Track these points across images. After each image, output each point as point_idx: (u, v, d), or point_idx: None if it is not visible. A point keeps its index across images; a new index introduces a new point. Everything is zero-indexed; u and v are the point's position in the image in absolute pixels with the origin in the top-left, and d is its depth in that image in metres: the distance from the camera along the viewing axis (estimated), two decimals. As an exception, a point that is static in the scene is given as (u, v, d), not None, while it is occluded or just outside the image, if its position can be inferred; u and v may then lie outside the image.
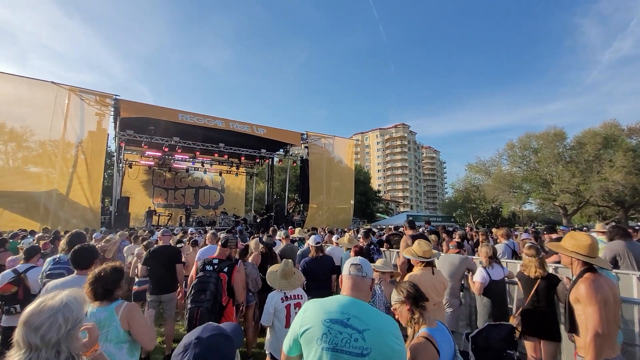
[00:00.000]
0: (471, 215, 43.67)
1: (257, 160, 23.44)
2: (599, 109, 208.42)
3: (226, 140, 17.79)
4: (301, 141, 20.22)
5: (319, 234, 9.20)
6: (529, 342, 3.15)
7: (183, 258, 5.02)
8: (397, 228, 9.99)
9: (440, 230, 8.21)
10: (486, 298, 3.72)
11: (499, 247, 5.45)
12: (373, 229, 13.04)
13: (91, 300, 2.09)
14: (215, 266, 3.31)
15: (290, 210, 22.28)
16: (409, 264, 3.96)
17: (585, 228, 16.14)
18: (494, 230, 9.99)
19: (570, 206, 27.65)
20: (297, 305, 2.98)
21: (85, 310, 1.34)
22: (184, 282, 4.92)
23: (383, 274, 3.35)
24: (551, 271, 3.53)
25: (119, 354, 2.01)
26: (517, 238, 7.90)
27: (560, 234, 6.37)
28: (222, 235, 4.01)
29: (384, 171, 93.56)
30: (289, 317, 2.89)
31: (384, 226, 19.10)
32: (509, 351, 2.83)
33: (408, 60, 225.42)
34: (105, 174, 16.49)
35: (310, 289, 3.96)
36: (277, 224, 15.46)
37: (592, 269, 2.24)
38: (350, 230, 12.04)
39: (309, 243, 4.74)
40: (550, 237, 6.08)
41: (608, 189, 23.82)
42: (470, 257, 4.56)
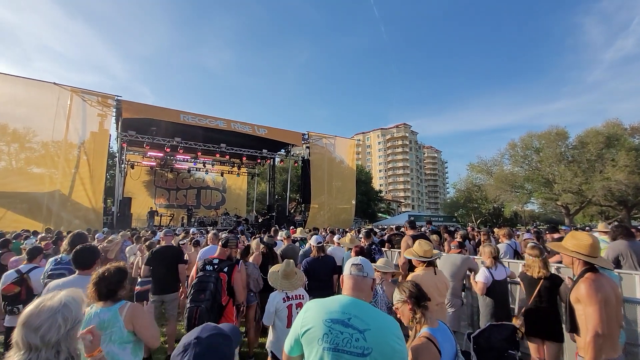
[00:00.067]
0: (473, 215, 43.53)
1: (259, 161, 23.49)
2: (601, 108, 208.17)
3: (228, 141, 17.82)
4: (302, 141, 20.25)
5: (320, 234, 9.20)
6: (532, 343, 3.13)
7: (185, 256, 5.04)
8: (399, 228, 9.97)
9: (442, 230, 8.19)
10: (489, 298, 3.71)
11: (500, 247, 5.44)
12: (374, 229, 13.03)
13: (95, 300, 2.08)
14: (216, 266, 3.32)
15: (292, 211, 22.32)
16: (410, 264, 3.96)
17: (588, 228, 16.07)
18: (495, 230, 9.95)
19: (572, 206, 27.54)
20: (299, 305, 2.99)
21: (84, 310, 1.34)
22: (187, 282, 4.94)
23: (384, 274, 3.35)
24: (553, 271, 3.52)
25: (123, 354, 2.02)
26: (519, 238, 7.87)
27: (562, 234, 6.34)
28: (223, 235, 4.02)
29: (385, 171, 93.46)
30: (290, 317, 2.90)
31: (385, 226, 19.08)
32: (510, 351, 2.82)
33: (409, 59, 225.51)
34: (108, 174, 16.59)
35: (311, 289, 3.95)
36: (279, 224, 15.48)
37: (594, 269, 2.23)
38: (351, 230, 12.04)
39: (310, 243, 4.75)
40: (552, 237, 6.06)
41: (610, 189, 23.71)
42: (472, 257, 4.55)
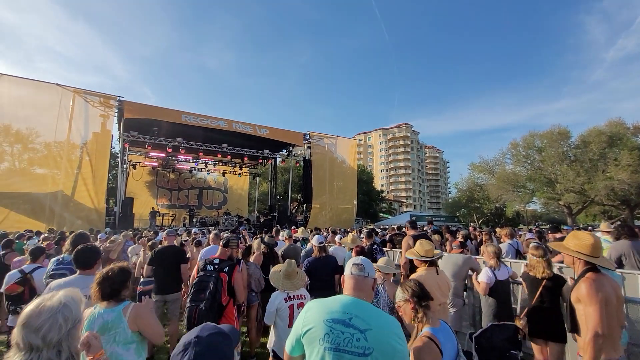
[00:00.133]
0: (475, 215, 43.41)
1: (260, 161, 23.51)
2: (604, 107, 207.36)
3: (229, 141, 17.84)
4: (304, 141, 20.26)
5: (322, 234, 9.20)
6: (535, 343, 3.11)
7: (188, 254, 5.05)
8: (400, 228, 9.96)
9: (444, 230, 8.18)
10: (491, 298, 3.70)
11: (502, 247, 5.43)
12: (376, 229, 13.03)
13: (98, 300, 2.08)
14: (216, 266, 3.33)
15: (294, 211, 22.31)
16: (412, 264, 3.96)
17: (590, 227, 16.00)
18: (497, 229, 9.93)
19: (575, 205, 27.43)
20: (300, 305, 2.98)
21: (82, 309, 1.34)
22: (189, 282, 4.95)
23: (386, 275, 3.35)
24: (556, 271, 3.51)
25: (127, 355, 2.03)
26: (521, 238, 7.84)
27: (564, 234, 6.31)
28: (224, 235, 4.02)
29: (387, 171, 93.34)
30: (292, 317, 2.90)
31: (387, 226, 19.06)
32: (512, 351, 2.81)
33: (410, 59, 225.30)
34: (110, 175, 16.62)
35: (313, 289, 3.95)
36: (280, 224, 15.49)
37: (595, 269, 2.22)
38: (353, 230, 12.04)
39: (312, 243, 4.75)
40: (554, 237, 6.03)
41: (613, 188, 23.59)
42: (473, 257, 4.54)
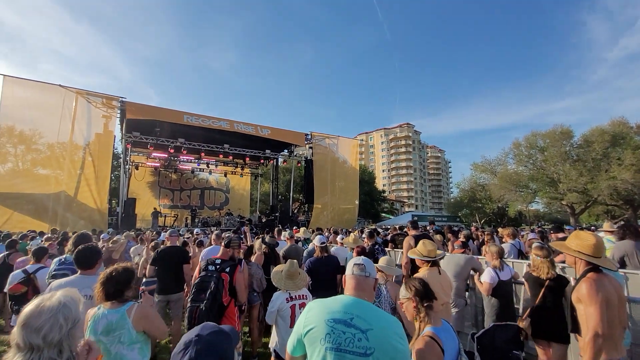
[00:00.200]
0: (477, 214, 43.33)
1: (262, 161, 23.58)
2: (607, 106, 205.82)
3: (231, 141, 17.87)
4: (305, 141, 20.27)
5: (324, 234, 9.20)
6: (539, 344, 3.09)
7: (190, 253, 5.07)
8: (402, 228, 9.95)
9: (446, 230, 8.16)
10: (494, 299, 3.69)
11: (505, 247, 5.41)
12: (378, 229, 13.02)
13: (102, 300, 2.09)
14: (218, 266, 3.33)
15: (295, 211, 22.32)
16: (413, 264, 3.96)
17: (593, 227, 15.93)
18: (499, 229, 9.90)
19: (577, 205, 27.31)
20: (302, 305, 2.98)
21: (81, 309, 1.35)
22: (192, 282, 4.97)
23: (387, 274, 3.35)
24: (559, 271, 3.49)
25: (131, 355, 2.04)
26: (524, 238, 7.82)
27: (567, 234, 6.29)
28: (226, 235, 4.03)
29: (388, 171, 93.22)
30: (293, 317, 2.90)
31: (389, 226, 19.04)
32: (515, 352, 2.81)
33: (412, 59, 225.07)
34: (112, 175, 16.70)
35: (315, 289, 3.95)
36: (282, 225, 15.49)
37: (597, 269, 2.21)
38: (355, 231, 12.03)
39: (314, 243, 4.75)
40: (557, 237, 6.01)
41: (616, 188, 23.47)
42: (475, 257, 4.53)
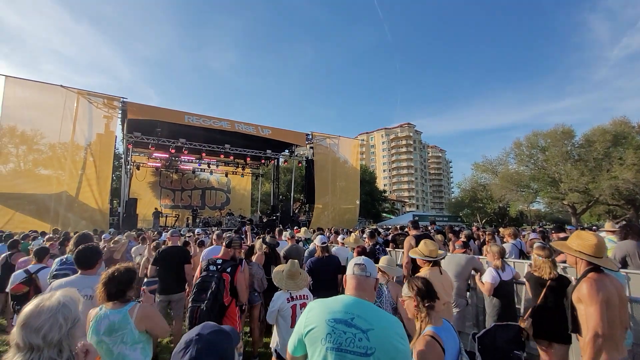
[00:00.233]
0: (478, 214, 43.27)
1: (263, 161, 23.58)
2: (608, 106, 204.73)
3: (232, 142, 17.86)
4: (306, 141, 20.26)
5: (325, 234, 9.20)
6: (540, 345, 3.08)
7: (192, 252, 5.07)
8: (403, 228, 9.95)
9: (447, 230, 8.16)
10: (495, 299, 3.68)
11: (506, 247, 5.40)
12: (379, 229, 13.01)
13: (104, 300, 2.10)
14: (219, 266, 3.33)
15: (296, 211, 22.31)
16: (414, 264, 3.95)
17: (595, 227, 15.88)
18: (501, 229, 9.88)
19: (579, 205, 27.27)
20: (303, 305, 2.98)
21: (80, 309, 1.35)
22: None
23: (388, 275, 3.35)
24: (560, 271, 3.48)
25: (134, 355, 2.05)
26: (525, 238, 7.81)
27: (568, 234, 6.27)
28: (226, 235, 4.03)
29: (389, 171, 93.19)
30: (294, 317, 2.90)
31: (390, 226, 19.03)
32: (516, 352, 2.80)
33: (413, 59, 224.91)
34: (114, 175, 16.69)
35: (316, 289, 3.95)
36: (283, 225, 15.49)
37: (597, 269, 2.20)
38: (355, 231, 12.02)
39: (315, 243, 4.75)
40: (558, 237, 6.01)
41: (618, 188, 23.43)
42: (476, 257, 4.52)
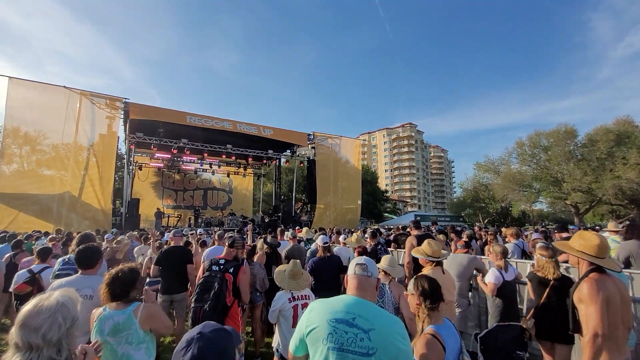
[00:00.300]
0: (480, 214, 43.09)
1: (265, 161, 23.61)
2: (611, 105, 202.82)
3: (233, 142, 17.90)
4: (308, 142, 20.26)
5: (326, 234, 9.20)
6: (543, 345, 3.07)
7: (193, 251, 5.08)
8: (405, 228, 9.94)
9: (449, 230, 8.15)
10: (498, 299, 3.66)
11: (508, 247, 5.38)
12: (381, 229, 13.01)
13: (107, 301, 2.10)
14: (221, 266, 3.34)
15: (298, 211, 22.32)
16: (416, 264, 3.95)
17: (598, 227, 15.80)
18: (503, 229, 9.85)
19: (582, 205, 27.12)
20: (305, 305, 2.98)
21: (79, 308, 1.36)
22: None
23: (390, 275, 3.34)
24: (563, 271, 3.47)
25: (138, 355, 2.06)
26: (528, 238, 7.78)
27: (571, 234, 6.25)
28: (228, 235, 4.05)
29: (391, 171, 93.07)
30: (296, 317, 2.90)
31: (391, 226, 19.02)
32: (518, 352, 2.80)
33: (415, 59, 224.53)
34: (116, 176, 16.80)
35: (317, 289, 3.96)
36: (285, 225, 15.50)
37: (599, 269, 2.19)
38: (357, 231, 12.02)
39: (317, 243, 4.75)
40: (561, 236, 5.98)
41: (621, 187, 23.28)
42: (478, 257, 4.51)
